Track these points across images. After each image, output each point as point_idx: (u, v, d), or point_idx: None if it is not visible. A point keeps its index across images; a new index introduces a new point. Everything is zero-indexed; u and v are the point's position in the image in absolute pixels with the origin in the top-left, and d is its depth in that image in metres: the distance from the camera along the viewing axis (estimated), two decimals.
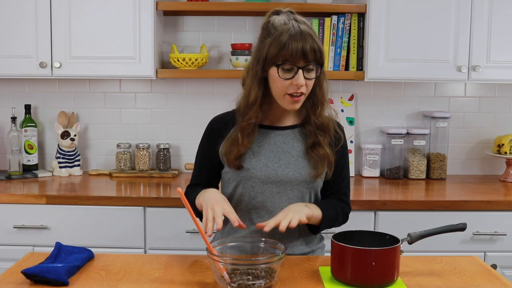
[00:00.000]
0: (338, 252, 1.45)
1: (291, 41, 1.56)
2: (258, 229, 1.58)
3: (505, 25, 2.71)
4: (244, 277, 1.37)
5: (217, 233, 1.80)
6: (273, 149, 1.70)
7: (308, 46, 1.57)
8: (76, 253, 1.62)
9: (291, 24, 1.60)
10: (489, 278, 1.53)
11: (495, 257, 2.49)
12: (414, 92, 3.08)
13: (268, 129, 1.73)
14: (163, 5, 2.76)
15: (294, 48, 1.56)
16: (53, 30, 2.68)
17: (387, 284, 1.43)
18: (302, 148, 1.71)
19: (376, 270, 1.41)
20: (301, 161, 1.70)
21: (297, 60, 1.58)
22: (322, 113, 1.71)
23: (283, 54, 1.57)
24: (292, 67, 1.59)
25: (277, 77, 1.60)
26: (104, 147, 3.08)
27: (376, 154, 2.99)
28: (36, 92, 3.05)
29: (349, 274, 1.43)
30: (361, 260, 1.41)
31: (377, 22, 2.70)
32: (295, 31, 1.58)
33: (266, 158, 1.68)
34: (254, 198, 1.69)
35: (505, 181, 2.92)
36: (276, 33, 1.59)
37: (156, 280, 1.50)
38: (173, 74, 2.82)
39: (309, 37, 1.58)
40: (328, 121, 1.73)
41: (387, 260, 1.42)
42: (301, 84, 1.59)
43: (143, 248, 2.50)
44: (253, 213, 1.71)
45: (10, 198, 2.48)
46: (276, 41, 1.58)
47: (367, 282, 1.42)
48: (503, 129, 3.09)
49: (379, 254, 1.41)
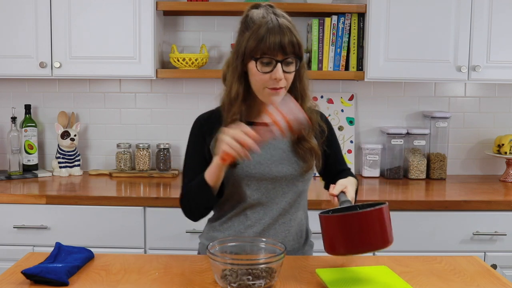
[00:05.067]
0: (327, 225, 1.43)
1: (269, 34, 1.56)
2: (331, 196, 1.57)
3: (505, 25, 2.71)
4: (244, 277, 1.37)
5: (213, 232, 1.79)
6: (263, 145, 1.70)
7: (286, 39, 1.57)
8: (76, 253, 1.62)
9: (269, 17, 1.59)
10: (489, 278, 1.53)
11: (495, 257, 2.49)
12: (414, 92, 3.08)
13: (257, 126, 1.72)
14: (163, 5, 2.76)
15: (272, 41, 1.56)
16: (53, 30, 2.68)
17: (381, 247, 1.40)
18: (290, 143, 1.72)
19: (367, 234, 1.39)
20: (292, 156, 1.70)
21: (275, 54, 1.57)
22: (305, 107, 1.71)
23: (261, 47, 1.57)
24: (270, 61, 1.58)
25: (256, 71, 1.60)
26: (104, 147, 3.08)
27: (376, 154, 2.99)
28: (36, 92, 3.05)
29: (342, 244, 1.40)
30: (350, 226, 1.38)
31: (377, 22, 2.70)
32: (273, 24, 1.57)
33: (259, 156, 1.67)
34: (249, 196, 1.69)
35: (505, 181, 2.92)
36: (254, 26, 1.59)
37: (156, 280, 1.50)
38: (173, 74, 2.82)
39: (287, 30, 1.58)
40: (311, 113, 1.73)
41: (375, 222, 1.39)
42: (279, 78, 1.59)
43: (143, 248, 2.50)
44: (248, 210, 1.71)
45: (10, 198, 2.48)
46: (254, 35, 1.58)
47: (360, 247, 1.39)
48: (503, 129, 3.09)
49: (365, 216, 1.39)
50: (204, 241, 1.79)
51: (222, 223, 1.75)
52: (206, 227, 1.83)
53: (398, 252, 2.43)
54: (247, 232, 1.70)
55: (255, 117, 1.71)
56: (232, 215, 1.72)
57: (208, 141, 1.71)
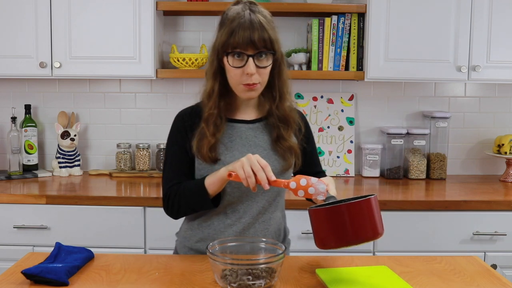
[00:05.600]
0: (316, 219, 1.43)
1: (239, 29, 1.57)
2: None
3: (505, 25, 2.71)
4: (244, 277, 1.37)
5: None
6: (245, 143, 1.70)
7: (256, 34, 1.57)
8: (76, 253, 1.62)
9: (243, 13, 1.60)
10: (489, 278, 1.53)
11: (495, 257, 2.49)
12: (414, 92, 3.08)
13: (238, 123, 1.73)
14: (163, 5, 2.76)
15: (241, 35, 1.57)
16: (53, 30, 2.68)
17: (371, 238, 1.39)
18: (270, 141, 1.72)
19: (357, 225, 1.38)
20: (272, 154, 1.71)
21: (245, 48, 1.58)
22: (284, 104, 1.71)
23: (231, 42, 1.58)
24: (242, 56, 1.59)
25: (229, 66, 1.61)
26: (104, 147, 3.08)
27: (376, 154, 2.99)
28: (36, 92, 3.05)
29: (332, 237, 1.39)
30: (339, 218, 1.38)
31: (377, 22, 2.70)
32: (244, 19, 1.58)
33: (240, 154, 1.67)
34: (230, 194, 1.69)
35: (505, 181, 2.92)
36: (228, 22, 1.61)
37: (156, 280, 1.50)
38: (173, 74, 2.82)
39: (259, 25, 1.58)
40: (290, 111, 1.73)
41: (364, 213, 1.38)
42: (252, 72, 1.59)
43: (143, 248, 2.50)
44: (228, 208, 1.71)
45: (10, 198, 2.48)
46: (226, 30, 1.59)
47: (350, 239, 1.38)
48: (503, 129, 3.09)
49: (354, 207, 1.38)
50: (182, 239, 1.80)
51: (201, 222, 1.74)
52: (183, 225, 1.82)
53: (398, 252, 2.44)
54: (227, 231, 1.70)
55: (234, 113, 1.72)
56: (212, 214, 1.72)
57: (190, 136, 1.71)
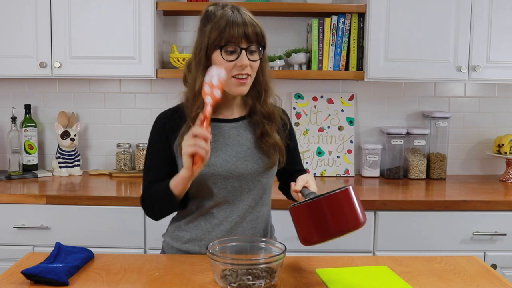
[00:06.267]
0: (297, 216, 1.43)
1: (232, 23, 1.59)
2: (295, 192, 1.59)
3: (505, 25, 2.71)
4: (244, 277, 1.37)
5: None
6: (228, 142, 1.70)
7: (250, 28, 1.59)
8: (76, 253, 1.62)
9: (230, 11, 1.62)
10: (489, 278, 1.53)
11: (495, 257, 2.49)
12: (414, 92, 3.08)
13: (221, 123, 1.72)
14: (163, 5, 2.76)
15: (235, 29, 1.58)
16: (53, 30, 2.68)
17: (352, 228, 1.39)
18: (253, 139, 1.72)
19: (337, 217, 1.38)
20: (256, 152, 1.71)
21: (239, 41, 1.59)
22: (267, 101, 1.73)
23: (225, 36, 1.59)
24: (235, 49, 1.60)
25: (221, 60, 1.61)
26: (104, 147, 3.08)
27: (376, 154, 2.99)
28: (36, 92, 3.05)
29: (314, 232, 1.39)
30: (319, 212, 1.38)
31: (377, 22, 2.70)
32: (234, 15, 1.60)
33: (224, 153, 1.68)
34: (216, 195, 1.69)
35: (505, 181, 2.92)
36: (216, 18, 1.61)
37: (156, 280, 1.50)
38: (173, 74, 2.82)
39: (249, 19, 1.61)
40: (274, 108, 1.75)
41: (343, 204, 1.39)
42: (245, 64, 1.60)
43: (143, 248, 2.50)
44: (214, 208, 1.70)
45: (10, 198, 2.48)
46: (216, 25, 1.60)
47: (333, 232, 1.38)
48: (503, 129, 3.09)
49: (333, 199, 1.39)
50: (169, 240, 1.79)
51: (187, 222, 1.74)
52: (170, 226, 1.82)
53: (398, 252, 2.44)
54: (214, 231, 1.70)
55: (216, 113, 1.71)
56: (198, 214, 1.72)
57: (172, 139, 1.70)
